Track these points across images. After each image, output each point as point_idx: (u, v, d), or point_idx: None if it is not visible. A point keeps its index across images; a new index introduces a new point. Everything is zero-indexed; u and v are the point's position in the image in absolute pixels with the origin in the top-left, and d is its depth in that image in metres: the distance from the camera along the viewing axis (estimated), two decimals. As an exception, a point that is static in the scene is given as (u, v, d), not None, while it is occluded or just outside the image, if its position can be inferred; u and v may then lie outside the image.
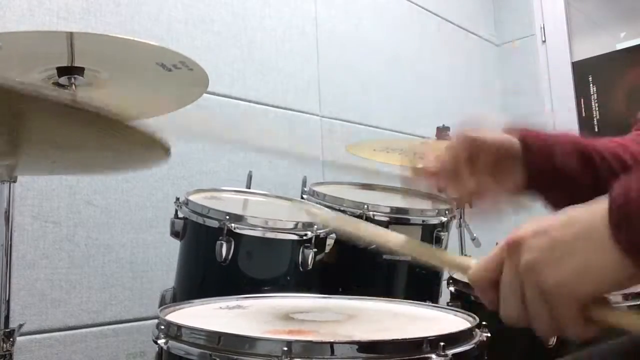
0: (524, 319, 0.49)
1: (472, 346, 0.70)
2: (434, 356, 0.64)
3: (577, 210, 0.49)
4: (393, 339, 0.67)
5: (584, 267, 0.45)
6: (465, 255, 1.63)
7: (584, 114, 2.74)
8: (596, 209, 0.46)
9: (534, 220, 0.50)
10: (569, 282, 0.46)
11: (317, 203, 1.33)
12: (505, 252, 0.50)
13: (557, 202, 0.77)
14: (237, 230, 1.06)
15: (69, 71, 1.05)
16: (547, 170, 0.74)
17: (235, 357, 0.64)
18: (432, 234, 1.32)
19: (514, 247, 0.49)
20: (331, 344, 0.63)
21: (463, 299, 1.15)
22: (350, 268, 1.30)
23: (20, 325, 0.89)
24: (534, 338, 0.96)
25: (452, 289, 1.19)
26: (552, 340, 0.95)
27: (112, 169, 1.25)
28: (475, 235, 1.62)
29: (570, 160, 0.74)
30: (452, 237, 1.44)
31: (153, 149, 0.83)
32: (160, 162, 0.89)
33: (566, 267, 0.46)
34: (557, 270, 0.46)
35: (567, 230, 0.47)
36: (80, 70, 1.06)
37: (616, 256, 0.44)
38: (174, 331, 0.71)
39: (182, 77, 1.13)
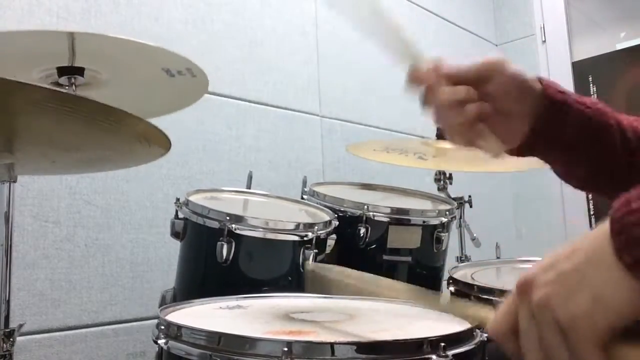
0: None
1: (472, 347, 0.70)
2: (434, 357, 0.64)
3: (580, 238, 0.46)
4: (393, 340, 0.67)
5: (596, 295, 0.43)
6: (466, 255, 1.63)
7: (584, 114, 2.74)
8: (599, 232, 0.44)
9: (539, 261, 0.48)
10: (583, 313, 0.43)
11: (317, 203, 1.33)
12: (517, 296, 0.48)
13: (560, 161, 0.75)
14: (238, 231, 1.06)
15: (69, 71, 1.05)
16: (560, 121, 0.71)
17: (236, 357, 0.64)
18: (432, 235, 1.32)
19: (524, 289, 0.47)
20: (331, 344, 0.63)
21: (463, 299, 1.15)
22: (350, 268, 1.30)
23: (20, 325, 0.89)
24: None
25: (452, 289, 1.19)
26: None
27: (112, 167, 1.25)
28: (475, 235, 1.62)
29: (586, 117, 0.72)
30: (452, 237, 1.43)
31: (153, 144, 0.83)
32: (161, 155, 0.89)
33: (578, 297, 0.43)
34: (569, 302, 0.43)
35: (573, 259, 0.45)
36: (80, 71, 1.06)
37: (624, 277, 0.41)
38: (174, 331, 0.71)
39: (183, 82, 1.13)
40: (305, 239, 1.11)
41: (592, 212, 2.65)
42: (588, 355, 0.43)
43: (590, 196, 2.63)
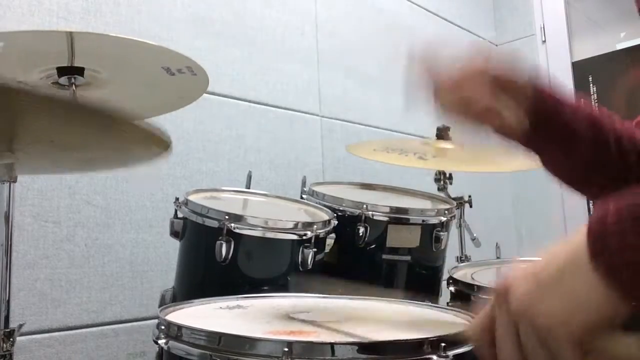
0: None
1: (473, 347, 0.70)
2: (434, 357, 0.64)
3: (558, 245, 0.48)
4: (394, 340, 0.67)
5: (571, 299, 0.45)
6: (466, 255, 1.63)
7: (583, 114, 2.74)
8: (577, 239, 0.46)
9: (518, 268, 0.50)
10: (559, 317, 0.45)
11: (316, 203, 1.33)
12: (495, 303, 0.50)
13: (553, 160, 0.79)
14: (237, 230, 1.06)
15: (69, 71, 1.05)
16: (554, 122, 0.75)
17: (236, 357, 0.64)
18: (431, 234, 1.32)
19: (502, 296, 0.49)
20: (332, 344, 0.63)
21: (463, 299, 1.15)
22: (350, 268, 1.30)
23: (20, 325, 0.89)
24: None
25: (452, 289, 1.19)
26: None
27: (112, 167, 1.25)
28: (475, 235, 1.62)
29: (579, 120, 0.76)
30: (452, 237, 1.43)
31: (153, 144, 0.83)
32: (161, 157, 0.89)
33: (554, 302, 0.45)
34: (546, 307, 0.46)
35: (551, 266, 0.47)
36: (80, 71, 1.06)
37: (599, 284, 0.44)
38: (174, 331, 0.71)
39: (183, 80, 1.13)
40: (304, 238, 1.11)
41: (592, 213, 2.65)
42: (566, 357, 0.45)
43: (590, 196, 2.62)
